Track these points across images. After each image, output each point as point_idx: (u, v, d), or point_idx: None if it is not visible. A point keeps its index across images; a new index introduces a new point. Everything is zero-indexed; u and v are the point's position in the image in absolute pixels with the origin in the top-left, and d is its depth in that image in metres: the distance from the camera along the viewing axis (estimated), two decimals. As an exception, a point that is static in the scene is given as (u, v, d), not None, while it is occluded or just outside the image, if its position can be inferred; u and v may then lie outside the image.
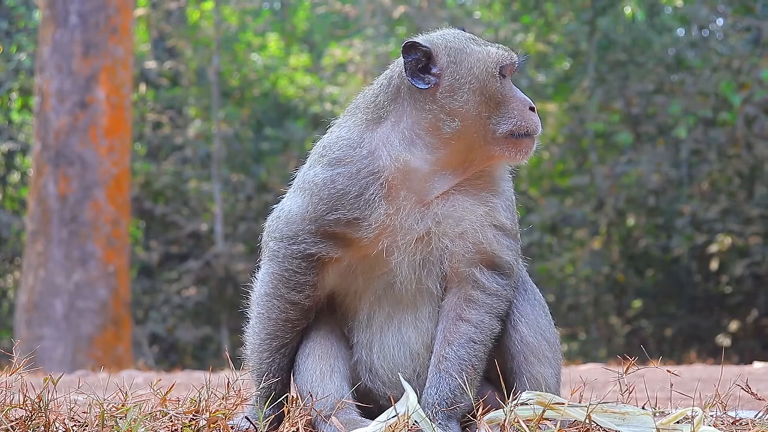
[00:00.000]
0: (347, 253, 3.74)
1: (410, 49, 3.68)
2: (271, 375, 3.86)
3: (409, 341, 3.84)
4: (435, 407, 3.65)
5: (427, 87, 3.67)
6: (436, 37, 3.77)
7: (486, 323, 3.76)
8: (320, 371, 3.83)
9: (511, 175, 3.95)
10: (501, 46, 3.78)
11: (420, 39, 3.73)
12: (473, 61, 3.69)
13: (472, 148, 3.70)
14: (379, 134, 3.72)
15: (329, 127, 3.94)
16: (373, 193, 3.66)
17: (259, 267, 3.95)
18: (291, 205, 3.79)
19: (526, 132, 3.69)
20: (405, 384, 3.63)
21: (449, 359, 3.71)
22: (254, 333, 3.91)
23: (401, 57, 3.72)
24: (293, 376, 3.88)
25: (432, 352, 3.79)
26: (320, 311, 3.92)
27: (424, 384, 3.75)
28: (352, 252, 3.74)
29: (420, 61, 3.68)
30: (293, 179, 3.92)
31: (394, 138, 3.70)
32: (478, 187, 3.77)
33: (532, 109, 3.71)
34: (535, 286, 4.01)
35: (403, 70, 3.71)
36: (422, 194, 3.71)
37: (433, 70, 3.68)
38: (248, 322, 3.96)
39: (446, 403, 3.65)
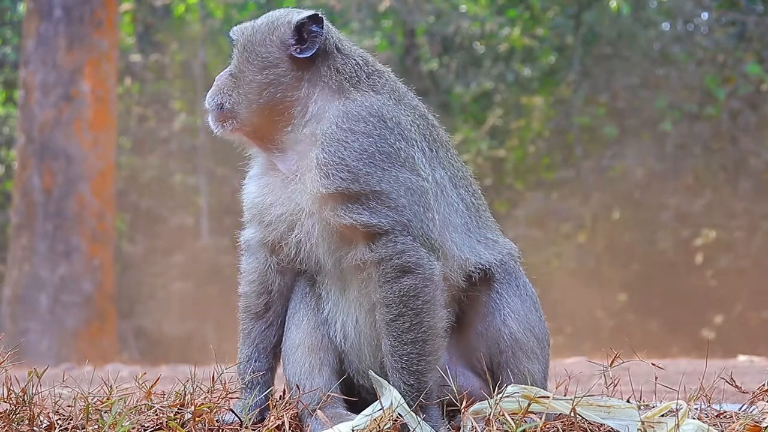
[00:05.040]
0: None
1: None
2: (248, 367, 3.86)
3: (360, 324, 3.78)
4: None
5: None
6: None
7: (390, 295, 3.56)
8: (309, 364, 3.81)
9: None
10: None
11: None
12: None
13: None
14: None
15: None
16: (249, 175, 3.87)
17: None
18: None
19: None
20: (378, 380, 3.59)
21: (387, 353, 3.61)
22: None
23: None
24: (282, 367, 3.88)
25: None
26: (308, 301, 3.89)
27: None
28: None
29: None
30: None
31: None
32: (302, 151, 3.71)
33: None
34: (527, 281, 3.96)
35: None
36: (279, 171, 3.75)
37: None
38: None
39: (411, 398, 3.56)
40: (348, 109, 3.62)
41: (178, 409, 3.66)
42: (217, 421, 3.66)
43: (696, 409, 3.76)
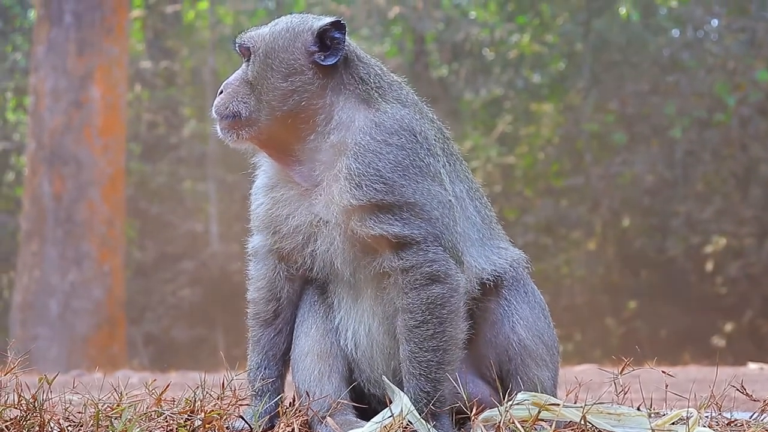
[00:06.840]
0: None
1: None
2: (258, 374, 3.86)
3: (373, 332, 3.78)
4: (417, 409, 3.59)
5: None
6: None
7: (416, 302, 3.57)
8: (319, 371, 3.80)
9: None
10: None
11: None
12: None
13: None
14: None
15: None
16: (258, 185, 3.87)
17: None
18: None
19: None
20: (390, 386, 3.58)
21: (405, 359, 3.60)
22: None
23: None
24: (292, 374, 3.88)
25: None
26: (317, 309, 3.89)
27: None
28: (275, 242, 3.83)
29: None
30: None
31: None
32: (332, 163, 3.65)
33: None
34: (536, 288, 3.95)
35: None
36: (296, 183, 3.74)
37: None
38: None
39: (424, 405, 3.55)
40: (380, 121, 3.61)
41: (188, 415, 3.66)
42: (227, 427, 3.66)
43: (706, 417, 3.75)
